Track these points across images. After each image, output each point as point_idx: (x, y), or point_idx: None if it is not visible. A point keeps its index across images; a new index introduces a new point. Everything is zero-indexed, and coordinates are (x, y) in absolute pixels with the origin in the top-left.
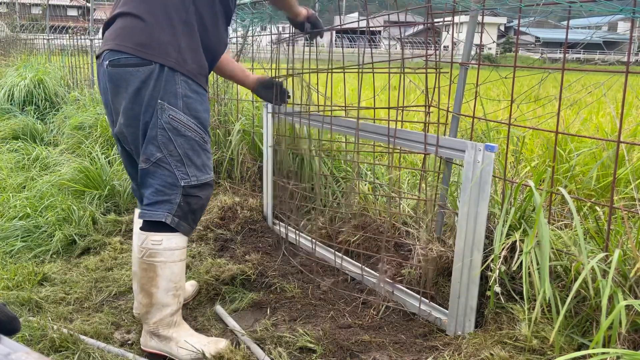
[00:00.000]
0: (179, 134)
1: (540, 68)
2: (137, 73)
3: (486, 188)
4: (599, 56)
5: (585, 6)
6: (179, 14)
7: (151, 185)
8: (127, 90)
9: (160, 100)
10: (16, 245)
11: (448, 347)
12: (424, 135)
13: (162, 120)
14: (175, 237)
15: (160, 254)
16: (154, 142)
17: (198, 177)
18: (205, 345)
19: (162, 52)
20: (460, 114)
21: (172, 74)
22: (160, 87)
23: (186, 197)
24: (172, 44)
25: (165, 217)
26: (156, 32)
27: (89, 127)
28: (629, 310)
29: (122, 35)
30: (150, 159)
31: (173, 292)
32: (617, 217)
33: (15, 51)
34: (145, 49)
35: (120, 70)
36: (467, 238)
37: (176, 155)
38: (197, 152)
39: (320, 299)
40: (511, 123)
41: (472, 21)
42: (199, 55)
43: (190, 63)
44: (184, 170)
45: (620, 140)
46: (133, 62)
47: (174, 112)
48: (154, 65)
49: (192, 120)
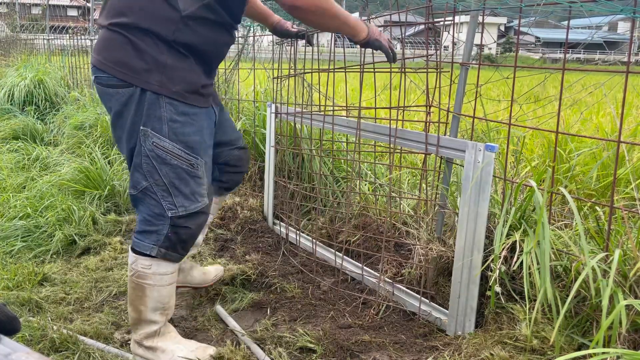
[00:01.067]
0: (163, 162)
1: (541, 68)
2: (117, 95)
3: (486, 188)
4: (599, 56)
5: (585, 6)
6: (167, 29)
7: (140, 212)
8: (110, 110)
9: (142, 127)
10: (16, 245)
11: (448, 347)
12: (425, 135)
13: (145, 147)
14: (164, 263)
15: (150, 278)
16: (139, 170)
17: (186, 207)
18: (193, 351)
19: (143, 74)
20: (460, 114)
21: (155, 98)
22: (142, 112)
23: (174, 228)
24: (156, 64)
25: (151, 249)
26: (138, 50)
27: (89, 127)
28: (629, 310)
29: (104, 49)
30: (137, 186)
31: (160, 312)
32: (617, 217)
33: (15, 51)
34: (125, 69)
35: (103, 89)
36: (467, 238)
37: (162, 185)
38: (185, 180)
39: (320, 299)
40: (511, 123)
41: (472, 21)
42: (189, 72)
43: (177, 83)
44: (170, 200)
45: (621, 140)
46: (113, 82)
47: (158, 139)
48: (135, 88)
49: (178, 146)
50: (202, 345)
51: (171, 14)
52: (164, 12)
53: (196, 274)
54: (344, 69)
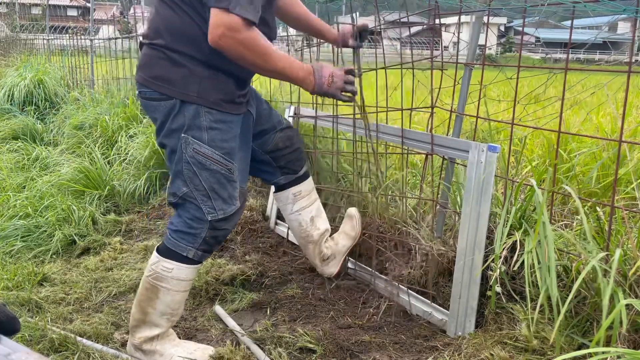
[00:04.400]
0: (204, 168)
1: (543, 68)
2: (160, 107)
3: (488, 188)
4: (600, 56)
5: (588, 6)
6: (201, 52)
7: (179, 216)
8: (155, 120)
9: (184, 134)
10: (16, 245)
11: (448, 347)
12: (430, 135)
13: (186, 154)
14: (187, 269)
15: (168, 281)
16: (180, 177)
17: (225, 210)
18: (192, 353)
19: (182, 87)
20: (463, 114)
21: (194, 108)
22: (183, 121)
23: (213, 231)
24: (193, 77)
25: (188, 251)
26: (176, 64)
27: (89, 127)
28: (629, 310)
29: (145, 67)
30: (177, 193)
31: (168, 317)
32: (617, 217)
33: (15, 51)
34: (166, 83)
35: (147, 103)
36: (468, 238)
37: (202, 190)
38: (224, 184)
39: (320, 299)
40: (514, 123)
41: (477, 22)
42: (224, 82)
43: (214, 94)
44: (210, 204)
45: (622, 140)
46: (156, 96)
47: (198, 146)
48: (175, 100)
49: (217, 152)
50: (201, 346)
51: (204, 38)
52: (198, 36)
53: (343, 242)
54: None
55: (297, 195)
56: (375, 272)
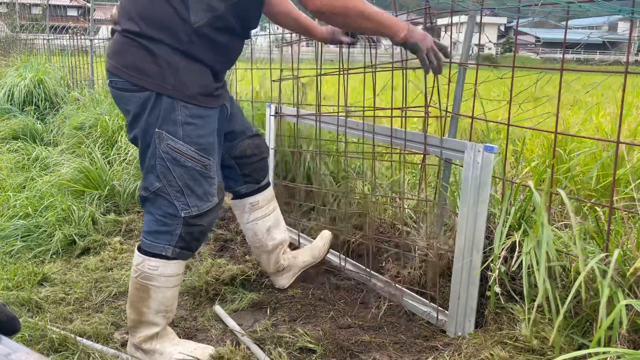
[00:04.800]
0: (178, 164)
1: (539, 68)
2: (134, 98)
3: (485, 189)
4: (599, 56)
5: (583, 6)
6: (178, 40)
7: (151, 214)
8: (127, 112)
9: (158, 129)
10: (16, 245)
11: (448, 347)
12: (424, 135)
13: (160, 149)
14: (172, 265)
15: (156, 279)
16: (153, 172)
17: (199, 206)
18: (192, 352)
19: (157, 79)
20: (459, 114)
21: (170, 102)
22: (158, 115)
23: (187, 227)
24: (170, 68)
25: (166, 249)
26: (152, 54)
27: (89, 127)
28: (629, 310)
29: (116, 54)
30: (150, 188)
31: (163, 314)
32: (617, 218)
33: (15, 51)
34: (140, 74)
35: (119, 94)
36: (466, 238)
37: (175, 186)
38: (198, 181)
39: (320, 299)
40: (510, 123)
41: (470, 21)
42: (201, 74)
43: (191, 87)
44: (184, 200)
45: (620, 141)
46: (128, 87)
47: (173, 142)
48: (150, 92)
49: (192, 148)
50: (201, 345)
51: (182, 25)
52: (175, 23)
53: (304, 258)
54: (342, 69)
55: (254, 205)
56: (374, 273)
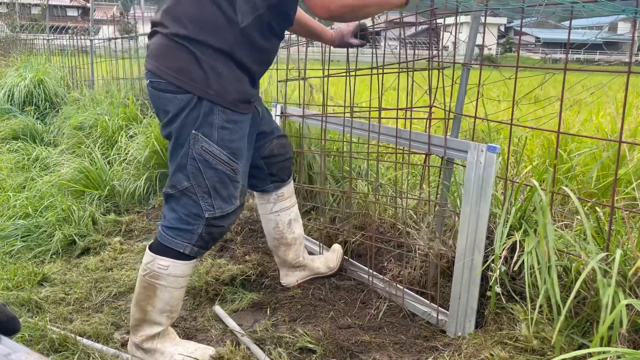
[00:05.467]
0: (209, 166)
1: (542, 68)
2: (175, 100)
3: (488, 189)
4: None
5: (587, 6)
6: (226, 42)
7: (174, 211)
8: (165, 112)
9: (194, 131)
10: (16, 245)
11: (448, 347)
12: (427, 135)
13: (194, 150)
14: (183, 265)
15: (164, 279)
16: (183, 171)
17: (223, 208)
18: (192, 353)
19: (202, 83)
20: (462, 114)
21: (210, 106)
22: (196, 117)
23: (209, 227)
24: (214, 74)
25: (184, 247)
26: (198, 60)
27: (89, 127)
28: (629, 310)
29: (161, 57)
30: (177, 186)
31: (167, 314)
32: (617, 218)
33: (15, 51)
34: (186, 78)
35: (159, 94)
36: (468, 238)
37: (204, 187)
38: (226, 184)
39: (320, 299)
40: (513, 123)
41: (474, 22)
42: (240, 80)
43: (232, 93)
44: (209, 202)
45: (622, 140)
46: (171, 89)
47: (207, 144)
48: (193, 95)
49: (224, 152)
50: (202, 346)
51: (229, 27)
52: (222, 25)
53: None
54: (347, 71)
55: (280, 196)
56: (374, 273)
